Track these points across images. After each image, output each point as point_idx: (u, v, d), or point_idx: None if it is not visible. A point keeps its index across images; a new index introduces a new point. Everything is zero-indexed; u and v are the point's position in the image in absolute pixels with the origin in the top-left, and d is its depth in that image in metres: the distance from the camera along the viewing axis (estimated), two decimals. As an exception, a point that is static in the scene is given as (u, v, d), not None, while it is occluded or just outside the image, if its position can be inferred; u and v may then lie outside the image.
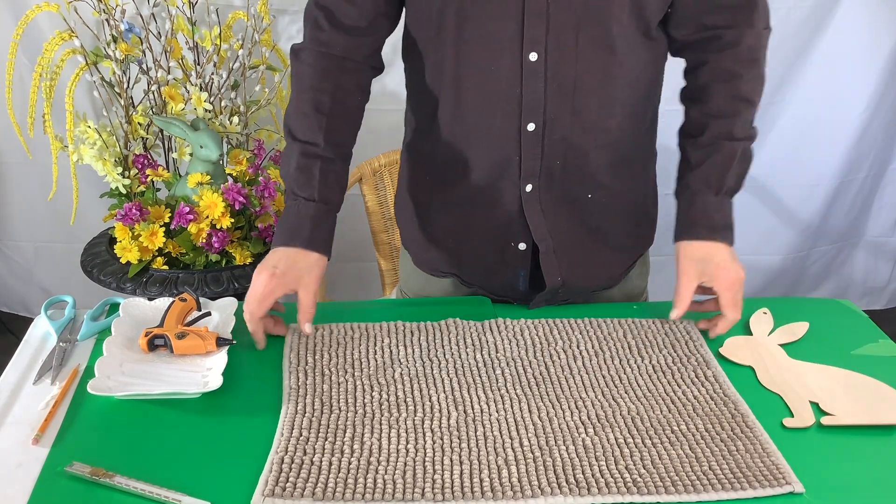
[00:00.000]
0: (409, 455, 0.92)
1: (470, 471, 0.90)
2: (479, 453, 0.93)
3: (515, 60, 1.10)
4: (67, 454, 0.91)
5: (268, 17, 1.91)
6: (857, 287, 2.74)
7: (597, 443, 0.95)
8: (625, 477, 0.89)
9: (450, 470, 0.90)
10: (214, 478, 0.89)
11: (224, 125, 1.93)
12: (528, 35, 1.08)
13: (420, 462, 0.91)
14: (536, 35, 1.08)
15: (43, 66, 1.78)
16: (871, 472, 0.93)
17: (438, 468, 0.90)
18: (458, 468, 0.90)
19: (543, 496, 0.87)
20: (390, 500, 0.85)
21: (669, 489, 0.88)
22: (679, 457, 0.93)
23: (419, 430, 0.96)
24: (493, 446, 0.94)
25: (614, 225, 1.25)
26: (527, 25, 1.08)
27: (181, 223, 1.75)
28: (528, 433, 0.96)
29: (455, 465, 0.91)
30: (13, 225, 2.41)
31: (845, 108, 2.37)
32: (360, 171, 1.90)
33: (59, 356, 1.08)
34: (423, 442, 0.94)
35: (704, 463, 0.92)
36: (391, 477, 0.89)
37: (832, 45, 2.24)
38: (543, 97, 1.11)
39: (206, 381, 1.03)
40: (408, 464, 0.91)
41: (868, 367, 1.11)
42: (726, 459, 0.93)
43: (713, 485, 0.89)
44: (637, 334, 1.17)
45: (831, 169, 2.47)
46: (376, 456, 0.92)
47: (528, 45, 1.09)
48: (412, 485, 0.88)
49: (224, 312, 1.16)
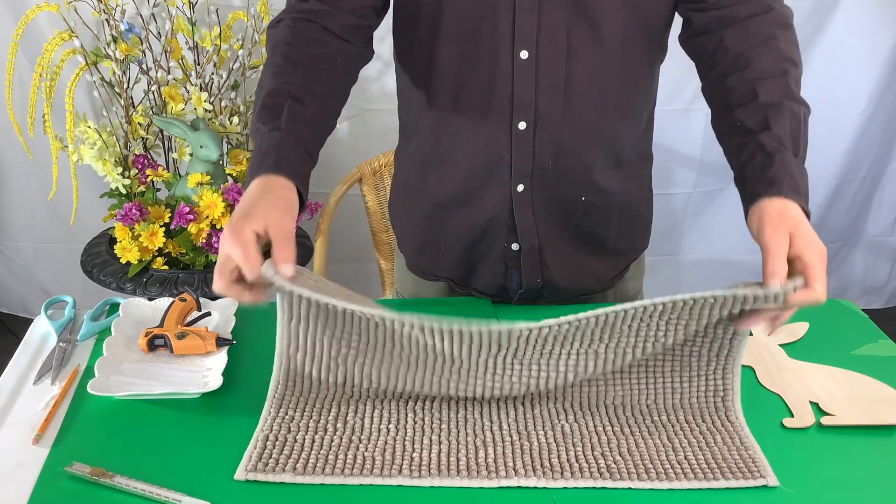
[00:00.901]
0: (390, 434, 0.94)
1: (448, 450, 0.92)
2: (458, 434, 0.95)
3: (507, 58, 1.08)
4: (67, 454, 0.91)
5: (268, 17, 1.91)
6: (857, 286, 2.74)
7: (576, 429, 0.96)
8: (599, 463, 0.91)
9: (428, 449, 0.92)
10: (214, 478, 0.89)
11: (224, 125, 1.94)
12: (519, 32, 1.07)
13: (400, 441, 0.93)
14: (528, 32, 1.07)
15: (43, 67, 1.78)
16: (871, 472, 0.93)
17: (417, 447, 0.92)
18: (436, 447, 0.92)
19: (517, 477, 0.88)
20: (368, 475, 0.88)
21: (643, 476, 0.89)
22: (656, 446, 0.94)
23: (401, 410, 0.98)
24: (473, 428, 0.96)
25: (608, 228, 1.24)
26: (518, 23, 1.06)
27: (181, 223, 1.75)
28: (507, 417, 0.97)
29: (434, 444, 0.93)
30: (13, 225, 2.41)
31: (845, 108, 2.37)
32: (360, 171, 1.90)
33: (59, 356, 1.08)
34: (405, 422, 0.96)
35: (681, 452, 0.93)
36: (371, 454, 0.91)
37: (832, 45, 2.25)
38: (535, 95, 1.10)
39: (206, 381, 1.03)
40: (388, 442, 0.93)
41: (868, 367, 1.11)
42: (703, 450, 0.94)
43: (686, 473, 0.90)
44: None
45: (831, 168, 2.47)
46: (358, 434, 0.94)
47: (519, 43, 1.07)
48: (391, 462, 0.90)
49: (224, 312, 1.16)
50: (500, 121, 1.12)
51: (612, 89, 1.12)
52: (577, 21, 1.07)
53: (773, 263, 0.90)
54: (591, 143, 1.15)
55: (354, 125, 2.21)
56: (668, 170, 2.41)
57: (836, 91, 2.32)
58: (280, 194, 0.94)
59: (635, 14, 1.09)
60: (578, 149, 1.14)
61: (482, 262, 1.25)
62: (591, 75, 1.10)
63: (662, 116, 1.26)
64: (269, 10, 1.92)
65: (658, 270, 2.56)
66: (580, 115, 1.12)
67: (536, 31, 1.07)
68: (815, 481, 0.91)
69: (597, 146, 1.15)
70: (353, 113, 2.19)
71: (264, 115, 1.01)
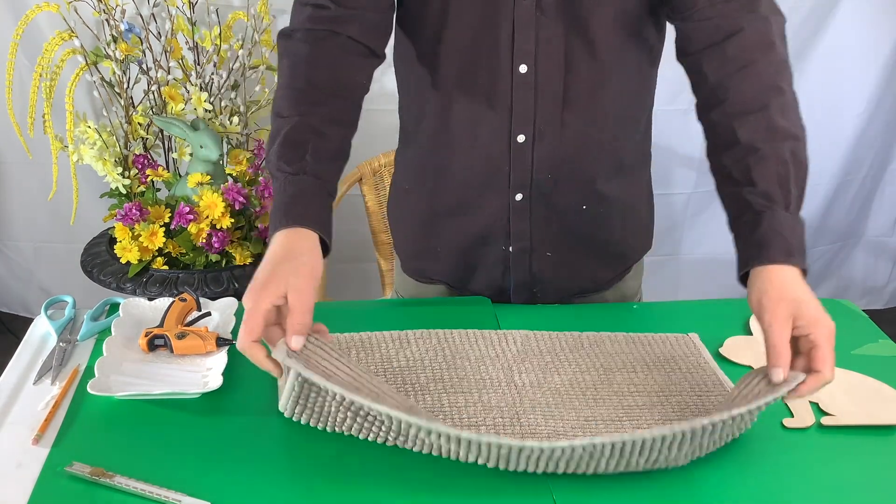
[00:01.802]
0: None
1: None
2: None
3: (506, 72, 1.08)
4: (67, 454, 0.91)
5: (268, 17, 1.92)
6: (857, 287, 2.74)
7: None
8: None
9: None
10: (214, 478, 0.89)
11: (224, 125, 1.94)
12: (518, 47, 1.07)
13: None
14: (526, 46, 1.07)
15: (43, 66, 1.78)
16: (871, 472, 0.93)
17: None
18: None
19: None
20: None
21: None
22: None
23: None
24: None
25: (610, 233, 1.24)
26: (517, 37, 1.07)
27: (181, 223, 1.75)
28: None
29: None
30: (13, 225, 2.41)
31: (845, 108, 2.37)
32: (360, 171, 1.91)
33: (59, 356, 1.08)
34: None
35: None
36: None
37: (832, 45, 2.25)
38: (534, 109, 1.10)
39: (206, 381, 1.03)
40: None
41: (868, 367, 1.11)
42: None
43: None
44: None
45: (831, 169, 2.47)
46: None
47: (518, 57, 1.08)
48: None
49: (224, 312, 1.16)
50: (499, 133, 1.12)
51: (609, 100, 1.12)
52: (573, 36, 1.07)
53: (775, 358, 0.89)
54: (590, 154, 1.15)
55: (354, 125, 2.21)
56: (668, 170, 2.41)
57: (836, 91, 2.32)
58: (305, 260, 0.93)
59: (627, 26, 1.08)
60: (578, 160, 1.14)
61: (480, 266, 1.25)
62: (588, 88, 1.10)
63: (662, 116, 1.26)
64: (269, 11, 1.92)
65: (658, 270, 2.56)
66: (579, 127, 1.12)
67: (534, 45, 1.07)
68: (816, 481, 0.91)
69: (597, 156, 1.15)
70: (353, 113, 2.19)
71: (287, 154, 0.98)
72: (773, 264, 0.93)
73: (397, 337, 1.12)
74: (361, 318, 1.19)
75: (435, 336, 1.13)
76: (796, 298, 0.90)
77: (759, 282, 0.93)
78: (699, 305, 1.27)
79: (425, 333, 1.13)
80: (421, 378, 1.05)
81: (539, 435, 0.95)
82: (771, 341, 0.89)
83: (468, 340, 1.13)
